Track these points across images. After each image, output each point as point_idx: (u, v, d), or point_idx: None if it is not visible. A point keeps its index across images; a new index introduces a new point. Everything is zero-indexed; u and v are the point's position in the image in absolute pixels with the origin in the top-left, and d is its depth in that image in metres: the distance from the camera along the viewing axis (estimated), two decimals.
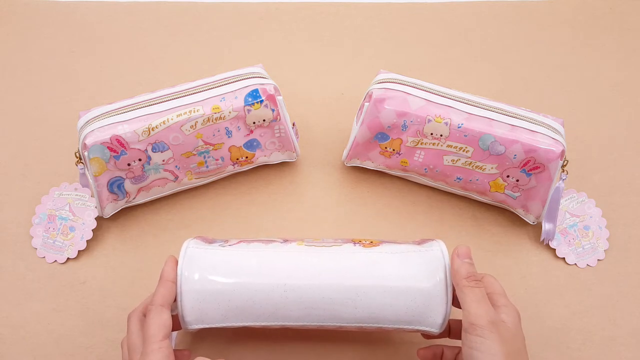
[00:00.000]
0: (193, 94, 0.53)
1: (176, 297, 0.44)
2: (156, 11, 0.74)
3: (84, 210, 0.57)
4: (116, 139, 0.51)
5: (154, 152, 0.53)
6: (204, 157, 0.55)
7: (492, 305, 0.42)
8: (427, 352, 0.48)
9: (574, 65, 0.70)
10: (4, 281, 0.55)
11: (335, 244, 0.47)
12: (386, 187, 0.61)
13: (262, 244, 0.47)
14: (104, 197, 0.54)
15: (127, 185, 0.55)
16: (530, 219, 0.57)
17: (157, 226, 0.58)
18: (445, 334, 0.47)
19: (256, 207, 0.59)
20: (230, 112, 0.53)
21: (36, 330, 0.53)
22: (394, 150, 0.56)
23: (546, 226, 0.56)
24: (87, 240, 0.56)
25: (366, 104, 0.54)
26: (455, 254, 0.44)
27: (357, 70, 0.69)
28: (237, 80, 0.54)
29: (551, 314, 0.54)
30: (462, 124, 0.52)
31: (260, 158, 0.58)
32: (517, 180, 0.54)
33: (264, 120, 0.55)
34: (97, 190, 0.53)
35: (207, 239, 0.48)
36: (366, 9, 0.75)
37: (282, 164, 0.62)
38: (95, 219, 0.56)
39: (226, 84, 0.54)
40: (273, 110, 0.54)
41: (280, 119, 0.55)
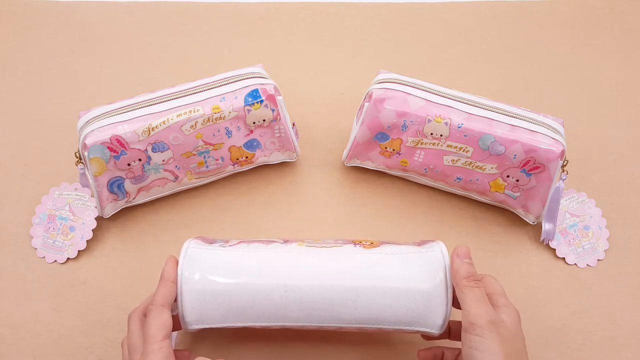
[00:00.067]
0: (193, 94, 0.53)
1: (176, 297, 0.44)
2: (156, 11, 0.74)
3: (84, 210, 0.57)
4: (116, 139, 0.51)
5: (154, 152, 0.53)
6: (204, 157, 0.55)
7: (492, 306, 0.42)
8: (427, 353, 0.48)
9: (574, 65, 0.70)
10: (4, 281, 0.55)
11: (335, 244, 0.47)
12: (386, 187, 0.61)
13: (263, 244, 0.47)
14: (104, 197, 0.54)
15: (127, 185, 0.55)
16: (530, 219, 0.57)
17: (157, 226, 0.58)
18: (445, 335, 0.47)
19: (256, 207, 0.59)
20: (230, 112, 0.53)
21: (36, 330, 0.53)
22: (394, 150, 0.56)
23: (546, 226, 0.56)
24: (87, 240, 0.56)
25: (366, 104, 0.54)
26: (454, 254, 0.44)
27: (357, 70, 0.69)
28: (237, 80, 0.54)
29: (551, 314, 0.54)
30: (462, 124, 0.52)
31: (260, 158, 0.58)
32: (517, 180, 0.54)
33: (264, 120, 0.55)
34: (97, 190, 0.53)
35: (208, 239, 0.48)
36: (366, 9, 0.75)
37: (282, 164, 0.62)
38: (95, 219, 0.56)
39: (226, 84, 0.54)
40: (273, 110, 0.54)
41: (280, 119, 0.55)
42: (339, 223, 0.59)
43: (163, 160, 0.54)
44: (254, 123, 0.55)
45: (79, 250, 0.56)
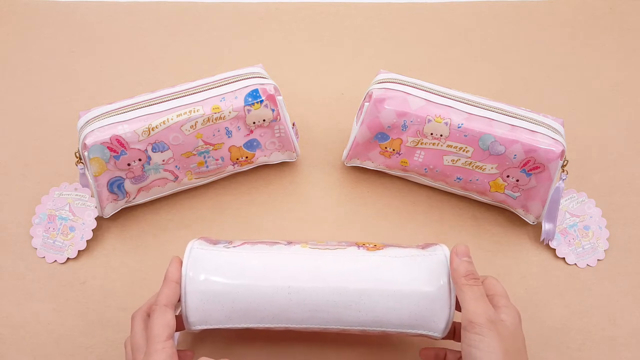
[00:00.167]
0: (193, 94, 0.53)
1: (180, 298, 0.44)
2: (156, 11, 0.74)
3: (84, 210, 0.57)
4: (116, 139, 0.51)
5: (154, 152, 0.53)
6: (204, 157, 0.55)
7: (492, 306, 0.42)
8: (429, 352, 0.48)
9: (574, 65, 0.70)
10: (4, 281, 0.55)
11: (339, 247, 0.47)
12: (386, 187, 0.61)
13: (266, 245, 0.47)
14: (104, 197, 0.54)
15: (127, 185, 0.55)
16: (530, 219, 0.57)
17: (157, 226, 0.58)
18: (450, 336, 0.47)
19: (256, 207, 0.59)
20: (230, 112, 0.53)
21: (36, 330, 0.53)
22: (394, 150, 0.56)
23: (546, 226, 0.56)
24: (87, 240, 0.56)
25: (366, 104, 0.54)
26: (454, 253, 0.44)
27: (357, 70, 0.69)
28: (237, 80, 0.54)
29: (551, 314, 0.54)
30: (462, 124, 0.52)
31: (260, 158, 0.58)
32: (517, 180, 0.54)
33: (264, 120, 0.55)
34: (97, 190, 0.53)
35: (211, 240, 0.48)
36: (366, 9, 0.75)
37: (282, 164, 0.62)
38: (95, 219, 0.56)
39: (226, 84, 0.54)
40: (273, 110, 0.54)
41: (280, 119, 0.55)
42: (339, 223, 0.59)
43: (163, 160, 0.54)
44: (254, 123, 0.55)
45: (79, 250, 0.56)
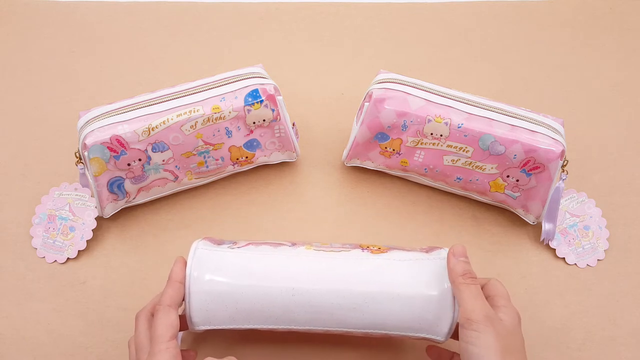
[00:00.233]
0: (193, 94, 0.53)
1: (184, 298, 0.44)
2: (156, 11, 0.74)
3: (84, 210, 0.57)
4: (116, 139, 0.51)
5: (154, 152, 0.53)
6: (204, 157, 0.55)
7: (492, 306, 0.42)
8: (433, 351, 0.48)
9: (574, 65, 0.70)
10: (4, 281, 0.55)
11: (343, 249, 0.47)
12: (386, 187, 0.61)
13: (271, 247, 0.47)
14: (104, 197, 0.54)
15: (127, 185, 0.55)
16: (530, 219, 0.57)
17: (157, 226, 0.58)
18: (456, 336, 0.47)
19: (256, 207, 0.59)
20: (230, 112, 0.53)
21: (36, 330, 0.53)
22: (394, 150, 0.56)
23: (546, 226, 0.56)
24: (87, 240, 0.56)
25: (366, 104, 0.54)
26: (451, 253, 0.44)
27: (357, 70, 0.69)
28: (237, 80, 0.54)
29: (551, 314, 0.54)
30: (462, 124, 0.52)
31: (260, 158, 0.58)
32: (517, 180, 0.54)
33: (264, 120, 0.55)
34: (97, 190, 0.53)
35: (216, 240, 0.48)
36: (366, 9, 0.75)
37: (282, 164, 0.62)
38: (95, 219, 0.56)
39: (226, 84, 0.54)
40: (273, 110, 0.54)
41: (280, 119, 0.55)
42: (339, 223, 0.59)
43: (163, 160, 0.54)
44: (254, 123, 0.55)
45: (79, 250, 0.56)
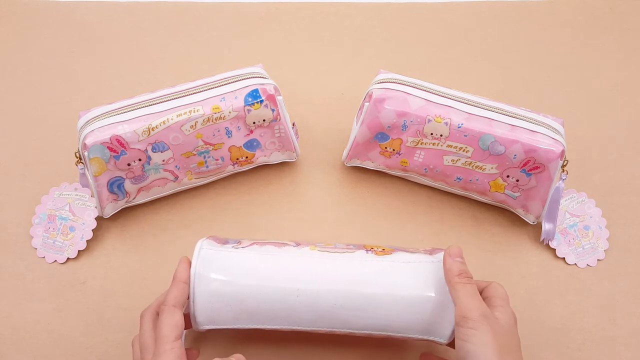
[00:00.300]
0: (193, 94, 0.53)
1: (188, 297, 0.44)
2: (156, 11, 0.74)
3: (84, 210, 0.57)
4: (116, 139, 0.51)
5: (154, 152, 0.53)
6: (204, 157, 0.55)
7: (489, 306, 0.42)
8: (427, 359, 0.48)
9: (574, 65, 0.70)
10: (4, 281, 0.55)
11: (348, 250, 0.47)
12: (386, 187, 0.61)
13: (275, 247, 0.47)
14: (104, 197, 0.54)
15: (127, 185, 0.55)
16: (530, 219, 0.57)
17: (157, 226, 0.58)
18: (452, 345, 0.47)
19: (256, 207, 0.59)
20: (230, 112, 0.53)
21: (36, 330, 0.53)
22: (394, 150, 0.56)
23: (546, 226, 0.56)
24: (87, 240, 0.56)
25: (366, 104, 0.54)
26: (447, 254, 0.44)
27: (357, 70, 0.69)
28: (237, 80, 0.54)
29: (551, 314, 0.54)
30: (462, 124, 0.52)
31: (260, 158, 0.58)
32: (517, 180, 0.54)
33: (264, 120, 0.55)
34: (97, 190, 0.53)
35: (220, 239, 0.48)
36: (366, 9, 0.74)
37: (282, 164, 0.62)
38: (95, 219, 0.56)
39: (226, 84, 0.54)
40: (273, 110, 0.54)
41: (280, 119, 0.55)
42: (339, 223, 0.59)
43: (163, 160, 0.54)
44: (254, 123, 0.55)
45: (79, 250, 0.56)
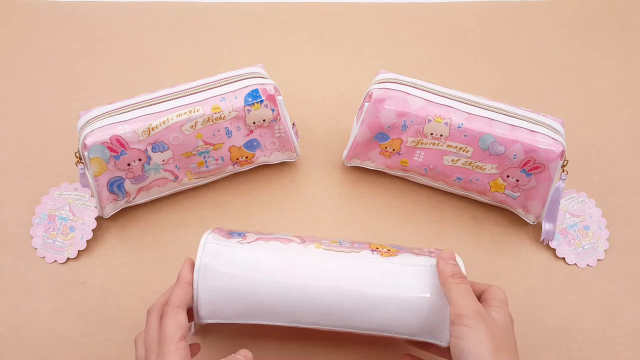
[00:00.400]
0: (193, 94, 0.53)
1: (192, 290, 0.44)
2: (156, 11, 0.74)
3: (84, 210, 0.57)
4: (116, 139, 0.51)
5: (154, 152, 0.53)
6: (204, 157, 0.55)
7: (486, 307, 0.42)
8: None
9: (574, 65, 0.70)
10: (4, 281, 0.55)
11: (353, 249, 0.47)
12: (386, 187, 0.61)
13: (281, 243, 0.47)
14: (104, 197, 0.54)
15: (127, 185, 0.55)
16: (530, 219, 0.57)
17: (157, 226, 0.58)
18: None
19: (256, 207, 0.59)
20: (230, 112, 0.53)
21: (36, 330, 0.53)
22: (394, 150, 0.56)
23: (546, 226, 0.56)
24: (87, 240, 0.56)
25: (366, 104, 0.54)
26: (439, 258, 0.45)
27: (357, 70, 0.69)
28: (237, 80, 0.54)
29: (551, 314, 0.54)
30: (462, 124, 0.52)
31: (260, 158, 0.58)
32: (517, 180, 0.54)
33: (264, 120, 0.55)
34: (97, 190, 0.53)
35: (225, 231, 0.48)
36: (366, 9, 0.74)
37: (282, 164, 0.62)
38: (95, 219, 0.56)
39: (226, 84, 0.54)
40: (273, 110, 0.54)
41: (280, 119, 0.55)
42: (339, 223, 0.59)
43: (163, 160, 0.54)
44: (254, 123, 0.55)
45: (79, 250, 0.56)
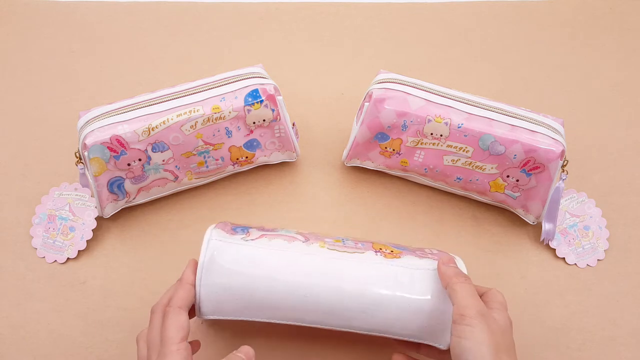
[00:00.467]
0: (193, 94, 0.53)
1: (195, 286, 0.44)
2: (156, 11, 0.74)
3: (84, 210, 0.57)
4: (116, 139, 0.51)
5: (154, 152, 0.53)
6: (204, 157, 0.55)
7: (486, 308, 0.42)
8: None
9: (574, 65, 0.70)
10: (4, 281, 0.55)
11: (357, 250, 0.47)
12: (386, 187, 0.61)
13: (285, 241, 0.47)
14: (104, 197, 0.54)
15: (127, 185, 0.55)
16: (530, 219, 0.57)
17: (157, 226, 0.58)
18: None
19: (256, 207, 0.59)
20: (230, 112, 0.53)
21: (36, 330, 0.53)
22: (394, 150, 0.56)
23: (546, 226, 0.56)
24: (87, 240, 0.56)
25: (366, 104, 0.54)
26: (440, 262, 0.45)
27: (357, 70, 0.69)
28: (237, 80, 0.54)
29: (551, 314, 0.54)
30: (462, 124, 0.52)
31: (260, 158, 0.58)
32: (517, 180, 0.54)
33: (264, 120, 0.55)
34: (97, 190, 0.53)
35: (228, 227, 0.48)
36: (366, 9, 0.74)
37: (282, 164, 0.62)
38: (95, 219, 0.56)
39: (226, 84, 0.54)
40: (273, 110, 0.54)
41: (280, 119, 0.55)
42: (339, 223, 0.59)
43: (163, 160, 0.54)
44: (254, 123, 0.55)
45: (79, 250, 0.56)
